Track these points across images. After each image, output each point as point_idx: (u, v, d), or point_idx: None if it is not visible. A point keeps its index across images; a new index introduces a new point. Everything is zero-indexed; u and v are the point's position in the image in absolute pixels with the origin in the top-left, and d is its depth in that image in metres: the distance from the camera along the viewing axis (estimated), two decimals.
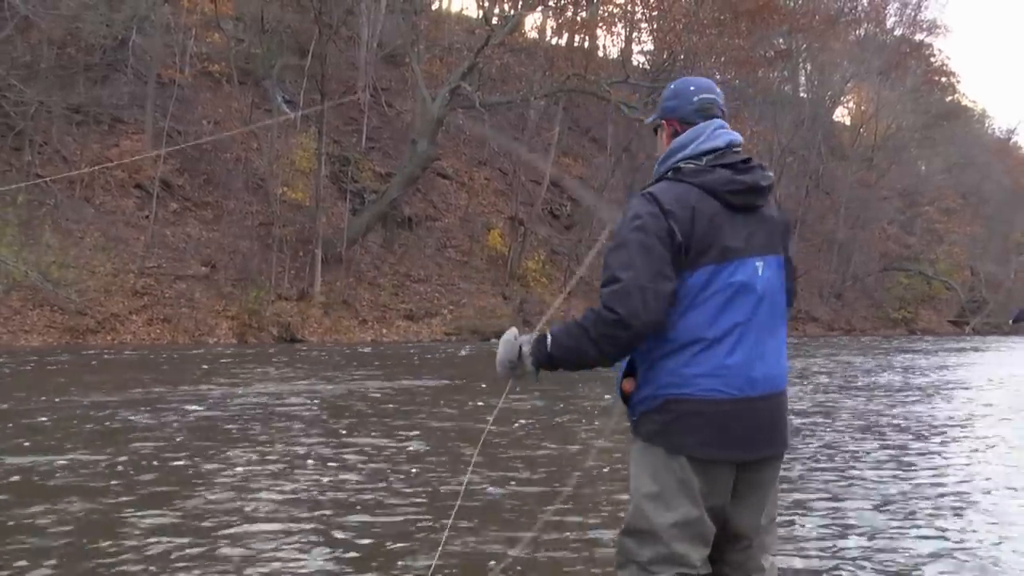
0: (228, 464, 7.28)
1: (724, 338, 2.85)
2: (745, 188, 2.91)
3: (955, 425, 10.73)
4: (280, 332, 24.98)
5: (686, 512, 2.85)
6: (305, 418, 10.08)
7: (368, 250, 30.56)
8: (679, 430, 2.85)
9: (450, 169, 36.85)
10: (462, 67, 29.74)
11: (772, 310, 2.95)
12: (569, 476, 7.12)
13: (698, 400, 2.84)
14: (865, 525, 5.76)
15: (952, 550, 5.23)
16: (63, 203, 24.38)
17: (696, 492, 2.86)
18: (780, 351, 2.98)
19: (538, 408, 11.15)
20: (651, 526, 2.87)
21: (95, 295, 22.64)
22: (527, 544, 5.06)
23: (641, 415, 2.94)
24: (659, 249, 2.80)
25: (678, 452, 2.86)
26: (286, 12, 31.85)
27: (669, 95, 3.08)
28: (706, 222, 2.84)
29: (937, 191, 58.35)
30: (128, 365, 16.37)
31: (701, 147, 2.95)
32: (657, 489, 2.88)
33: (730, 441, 2.87)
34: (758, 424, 2.90)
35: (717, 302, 2.85)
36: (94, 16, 25.55)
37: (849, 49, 51.98)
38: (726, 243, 2.85)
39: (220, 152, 29.68)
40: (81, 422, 9.30)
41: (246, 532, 5.30)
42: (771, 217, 3.00)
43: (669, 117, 3.06)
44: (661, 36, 34.78)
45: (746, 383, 2.86)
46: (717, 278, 2.84)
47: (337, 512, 5.80)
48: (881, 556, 5.08)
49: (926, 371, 19.67)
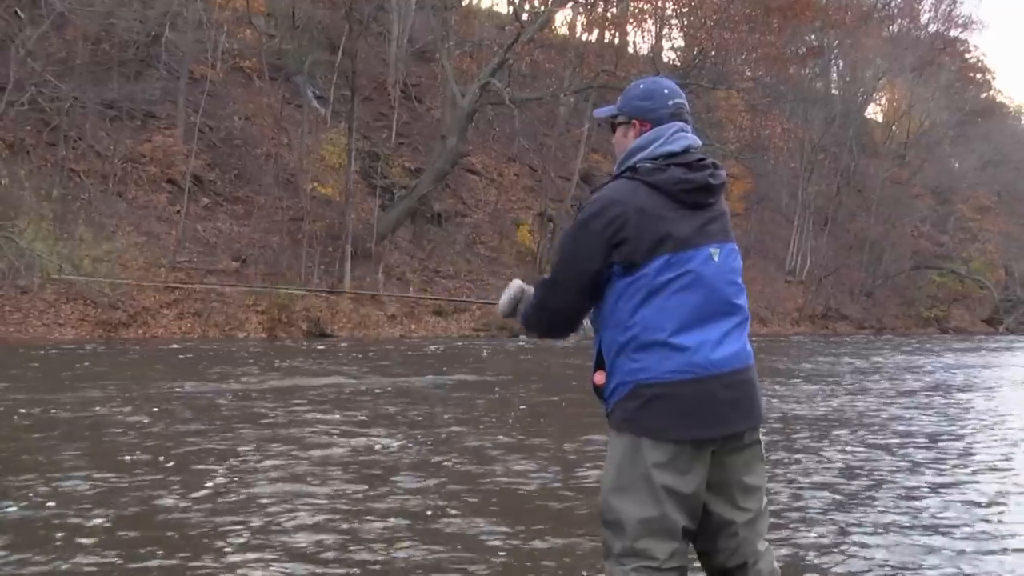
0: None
1: (684, 323, 2.94)
2: (695, 187, 3.03)
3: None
4: (310, 327, 25.08)
5: (648, 506, 2.92)
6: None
7: (397, 245, 30.64)
8: (648, 414, 2.94)
9: (479, 165, 36.87)
10: (492, 63, 29.72)
11: (729, 292, 3.04)
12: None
13: (664, 383, 2.92)
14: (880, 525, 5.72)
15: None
16: (96, 198, 24.60)
17: (658, 485, 2.91)
18: (741, 330, 3.06)
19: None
20: (616, 519, 2.96)
21: (127, 289, 22.83)
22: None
23: (614, 405, 3.04)
24: (593, 250, 2.99)
25: (647, 436, 2.92)
26: (317, 8, 31.99)
27: (641, 95, 3.18)
28: (655, 217, 2.96)
29: (971, 189, 57.69)
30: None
31: (660, 150, 3.08)
32: (622, 482, 2.96)
33: (698, 421, 2.93)
34: (724, 400, 2.96)
35: (674, 289, 2.95)
36: (128, 13, 25.77)
37: (882, 45, 51.45)
38: (679, 234, 2.97)
39: (251, 148, 29.86)
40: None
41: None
42: (723, 212, 3.12)
43: (642, 118, 3.15)
44: (692, 33, 34.65)
45: (708, 363, 2.94)
46: (672, 267, 2.95)
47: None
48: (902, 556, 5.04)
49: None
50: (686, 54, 35.98)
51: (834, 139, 47.09)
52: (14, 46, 23.00)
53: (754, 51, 34.18)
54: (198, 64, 29.30)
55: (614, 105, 3.28)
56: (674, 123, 3.11)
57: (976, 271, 54.22)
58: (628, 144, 3.16)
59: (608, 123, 3.29)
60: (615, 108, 3.25)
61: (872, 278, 49.14)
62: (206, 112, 28.01)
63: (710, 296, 2.98)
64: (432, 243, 31.98)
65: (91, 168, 25.23)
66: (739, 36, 32.34)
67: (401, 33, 35.49)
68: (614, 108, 3.26)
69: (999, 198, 59.51)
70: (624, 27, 38.38)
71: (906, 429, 10.12)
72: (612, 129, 3.27)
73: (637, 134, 3.15)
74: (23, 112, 23.38)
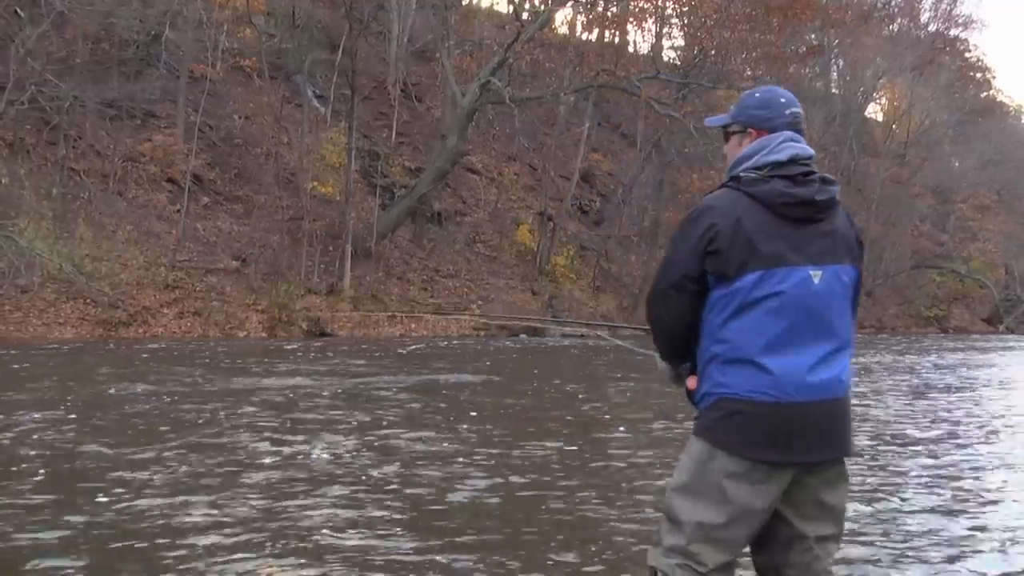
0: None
1: (775, 344, 2.87)
2: (797, 201, 2.93)
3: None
4: (309, 326, 25.09)
5: (709, 514, 2.89)
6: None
7: (397, 245, 30.64)
8: (726, 428, 2.91)
9: (479, 164, 36.88)
10: (492, 62, 29.71)
11: (829, 318, 2.94)
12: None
13: (747, 401, 2.88)
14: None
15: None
16: (96, 197, 24.60)
17: (728, 496, 2.88)
18: (838, 357, 2.96)
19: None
20: (676, 518, 2.95)
21: (127, 288, 22.84)
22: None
23: (700, 412, 3.03)
24: (690, 255, 2.96)
25: (717, 447, 2.91)
26: (317, 7, 32.02)
27: (757, 104, 3.12)
28: (750, 231, 2.89)
29: (971, 188, 57.70)
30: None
31: (765, 159, 3.00)
32: (688, 482, 2.95)
33: (777, 444, 2.87)
34: (806, 429, 2.89)
35: (767, 308, 2.88)
36: (128, 12, 25.78)
37: (882, 45, 51.46)
38: (772, 251, 2.89)
39: (251, 147, 29.87)
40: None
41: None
42: (835, 231, 3.00)
43: (758, 127, 3.09)
44: (692, 32, 34.63)
45: (798, 388, 2.87)
46: (765, 284, 2.88)
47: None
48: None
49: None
50: (686, 53, 35.96)
51: (834, 138, 47.08)
52: (14, 45, 23.01)
53: (754, 50, 34.16)
54: (198, 63, 29.30)
55: (726, 114, 3.23)
56: (784, 132, 3.04)
57: (976, 270, 54.19)
58: (740, 152, 3.11)
59: (722, 132, 3.24)
60: (728, 117, 3.20)
61: (872, 277, 49.06)
62: (206, 111, 28.01)
63: (805, 319, 2.90)
64: (432, 242, 31.98)
65: (91, 167, 25.23)
66: (739, 35, 32.32)
67: (401, 32, 35.49)
68: (727, 117, 3.21)
69: (999, 197, 59.52)
70: (624, 26, 38.38)
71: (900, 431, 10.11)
72: (725, 138, 3.20)
73: (750, 142, 3.10)
74: (23, 111, 23.37)
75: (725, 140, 3.20)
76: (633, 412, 10.99)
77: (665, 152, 36.29)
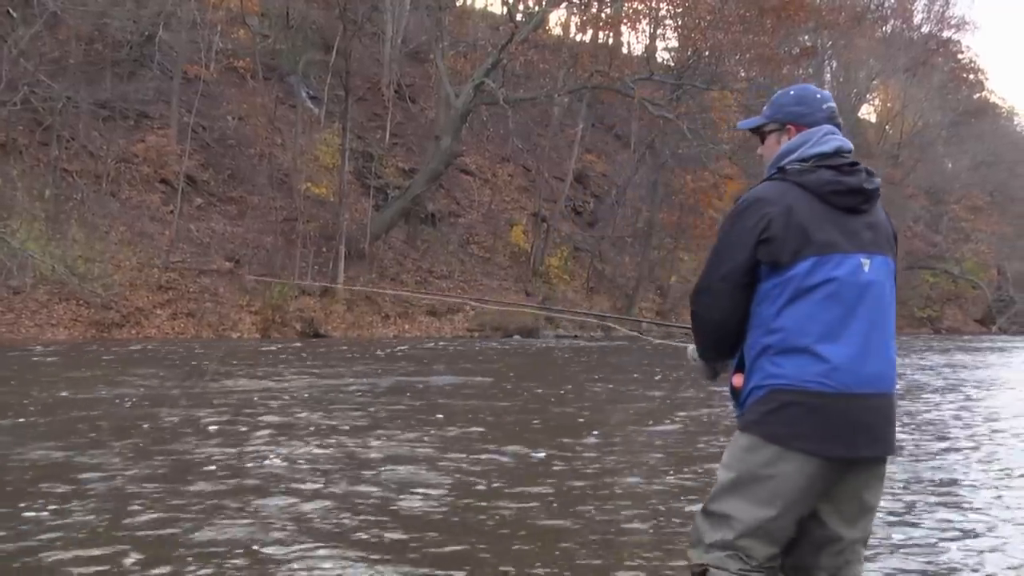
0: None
1: (829, 332, 2.86)
2: (847, 189, 2.95)
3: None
4: (303, 327, 25.06)
5: (760, 508, 2.86)
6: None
7: (391, 246, 30.62)
8: (778, 420, 2.87)
9: (473, 165, 36.88)
10: (486, 63, 29.72)
11: (880, 307, 2.96)
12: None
13: (801, 391, 2.85)
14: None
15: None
16: (89, 198, 24.54)
17: (779, 489, 2.85)
18: (890, 350, 2.97)
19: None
20: (725, 513, 2.90)
21: (120, 289, 22.79)
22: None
23: (747, 407, 2.97)
24: (739, 248, 2.93)
25: (771, 441, 2.87)
26: (311, 8, 31.95)
27: (795, 101, 3.13)
28: (803, 218, 2.88)
29: (964, 189, 57.82)
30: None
31: (810, 151, 3.01)
32: (739, 477, 2.91)
33: (830, 436, 2.84)
34: (860, 423, 2.87)
35: (821, 295, 2.87)
36: (121, 12, 25.73)
37: (875, 46, 51.61)
38: (827, 238, 2.89)
39: (244, 148, 29.83)
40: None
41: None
42: (878, 223, 3.04)
43: (797, 123, 3.09)
44: (686, 33, 34.65)
45: (853, 379, 2.86)
46: (819, 270, 2.87)
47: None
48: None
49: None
50: (680, 54, 36.01)
51: None
52: (7, 46, 22.95)
53: (748, 51, 34.22)
54: (192, 64, 29.26)
55: (758, 116, 3.23)
56: (825, 125, 3.06)
57: (969, 271, 54.33)
58: (776, 148, 3.13)
59: (757, 134, 3.24)
60: (763, 118, 3.20)
61: None
62: (200, 112, 27.95)
63: (859, 307, 2.89)
64: (426, 243, 31.97)
65: (84, 168, 25.16)
66: (733, 37, 32.37)
67: (395, 33, 35.50)
68: (760, 118, 3.21)
69: (992, 198, 59.65)
70: (618, 27, 38.37)
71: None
72: (762, 139, 3.21)
73: (789, 139, 3.11)
74: (16, 112, 23.31)
75: (761, 141, 3.21)
76: (607, 416, 10.80)
77: (659, 153, 36.29)
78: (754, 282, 2.94)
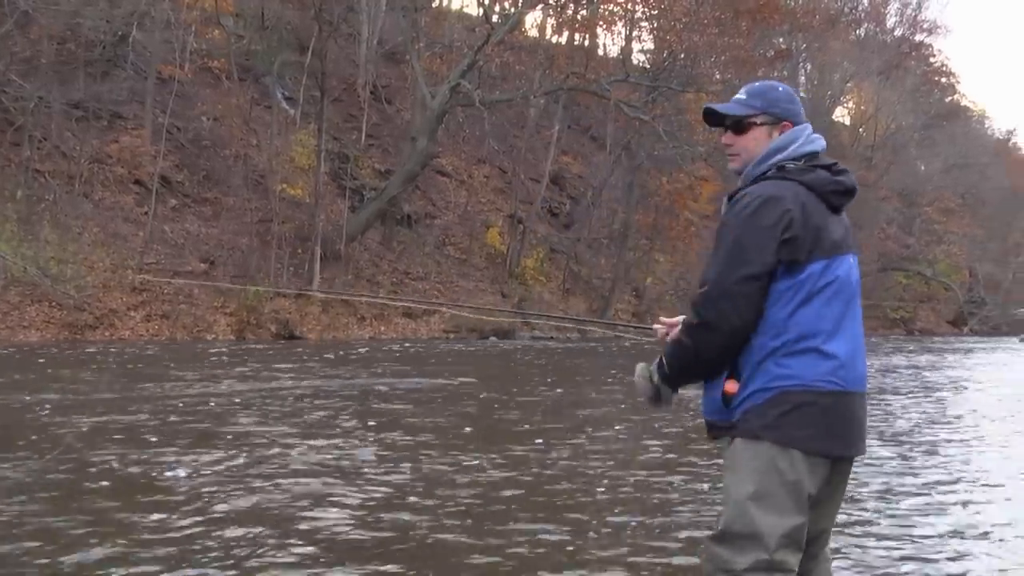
0: None
1: (835, 331, 2.86)
2: (843, 190, 2.97)
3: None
4: (279, 329, 24.95)
5: (793, 516, 2.78)
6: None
7: (367, 247, 30.54)
8: (793, 422, 2.80)
9: (449, 167, 36.85)
10: (462, 65, 29.70)
11: (859, 307, 3.00)
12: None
13: (814, 391, 2.81)
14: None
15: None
16: (62, 199, 24.34)
17: (804, 494, 2.81)
18: (864, 350, 2.99)
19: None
20: (754, 531, 2.75)
21: (93, 291, 22.61)
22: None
23: (745, 412, 2.85)
24: (763, 247, 2.82)
25: (790, 445, 2.80)
26: (286, 8, 31.85)
27: (788, 99, 3.10)
28: (816, 219, 2.87)
29: (936, 191, 58.34)
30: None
31: (802, 150, 3.01)
32: (763, 490, 2.78)
33: (835, 435, 2.85)
34: (855, 420, 2.90)
35: (827, 295, 2.86)
36: (94, 12, 25.53)
37: (849, 49, 51.97)
38: (833, 238, 2.89)
39: (219, 149, 29.66)
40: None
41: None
42: (847, 221, 3.04)
43: (793, 120, 3.07)
44: (661, 35, 34.78)
45: (852, 377, 2.88)
46: (827, 272, 2.86)
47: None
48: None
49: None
50: (656, 56, 36.11)
51: None
52: None
53: (723, 54, 34.36)
54: (166, 64, 29.07)
55: (740, 105, 3.08)
56: (806, 125, 3.08)
57: (941, 272, 54.84)
58: (769, 144, 3.05)
59: (734, 124, 3.08)
60: (752, 109, 3.05)
61: None
62: (174, 113, 27.77)
63: (850, 306, 2.92)
64: (402, 245, 31.90)
65: (56, 169, 24.95)
66: (708, 39, 32.49)
67: (371, 34, 35.42)
68: (748, 109, 3.06)
69: (964, 200, 60.24)
70: (594, 29, 38.43)
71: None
72: (742, 129, 3.06)
73: (781, 135, 3.06)
74: None
75: (734, 131, 3.07)
76: (554, 422, 10.15)
77: (635, 154, 36.40)
78: (768, 282, 2.86)
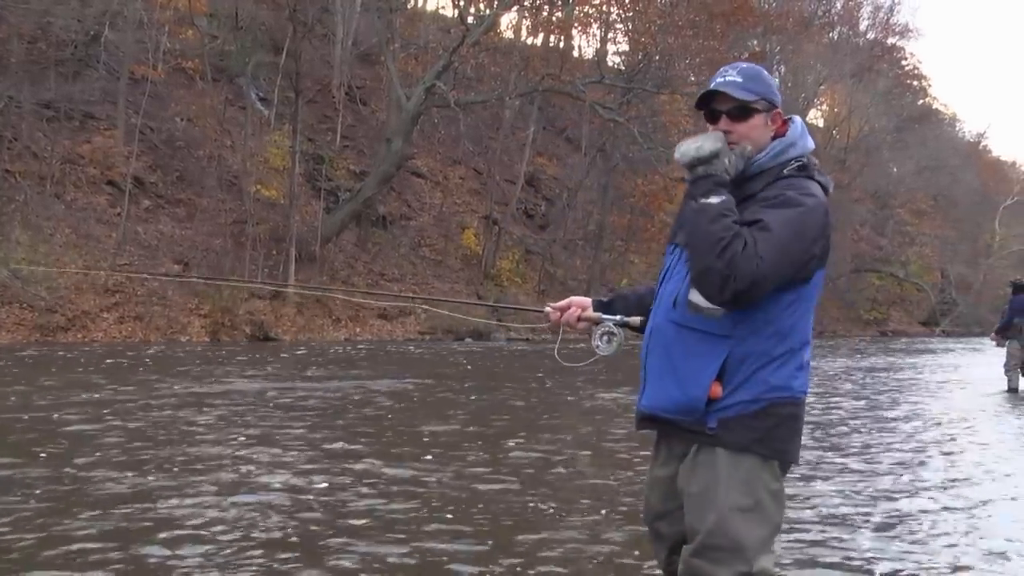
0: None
1: (810, 340, 2.81)
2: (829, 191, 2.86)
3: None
4: (253, 330, 24.82)
5: (771, 525, 2.73)
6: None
7: (342, 249, 30.44)
8: (781, 435, 2.73)
9: (424, 168, 36.80)
10: (437, 66, 29.70)
11: None
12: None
13: (796, 402, 2.76)
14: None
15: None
16: (33, 199, 24.11)
17: (784, 499, 2.78)
18: None
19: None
20: (737, 543, 2.66)
21: (65, 292, 22.41)
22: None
23: (728, 421, 2.70)
24: (816, 234, 2.66)
25: (774, 457, 2.73)
26: (260, 9, 31.70)
27: (777, 87, 2.93)
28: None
29: (908, 193, 58.85)
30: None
31: (809, 146, 2.87)
32: (751, 502, 2.69)
33: (799, 442, 2.82)
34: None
35: (814, 303, 2.79)
36: (65, 11, 25.30)
37: (822, 51, 52.29)
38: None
39: (193, 149, 29.48)
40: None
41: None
42: None
43: (780, 108, 2.91)
44: (636, 37, 34.94)
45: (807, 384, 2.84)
46: (820, 281, 2.78)
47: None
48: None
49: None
50: (631, 58, 36.24)
51: None
52: None
53: (698, 55, 34.53)
54: (139, 64, 28.84)
55: (739, 88, 2.81)
56: (797, 118, 2.92)
57: (914, 274, 55.29)
58: (768, 133, 2.84)
59: (735, 111, 2.83)
60: (751, 94, 2.81)
61: None
62: (147, 113, 27.57)
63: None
64: (377, 246, 31.83)
65: (27, 169, 24.72)
66: (683, 41, 32.67)
67: (346, 35, 35.32)
68: (749, 93, 2.80)
69: (935, 202, 60.77)
70: (569, 31, 38.56)
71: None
72: (743, 116, 2.81)
73: (774, 125, 2.87)
74: None
75: (739, 118, 2.81)
76: (496, 430, 9.62)
77: (610, 156, 36.50)
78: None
